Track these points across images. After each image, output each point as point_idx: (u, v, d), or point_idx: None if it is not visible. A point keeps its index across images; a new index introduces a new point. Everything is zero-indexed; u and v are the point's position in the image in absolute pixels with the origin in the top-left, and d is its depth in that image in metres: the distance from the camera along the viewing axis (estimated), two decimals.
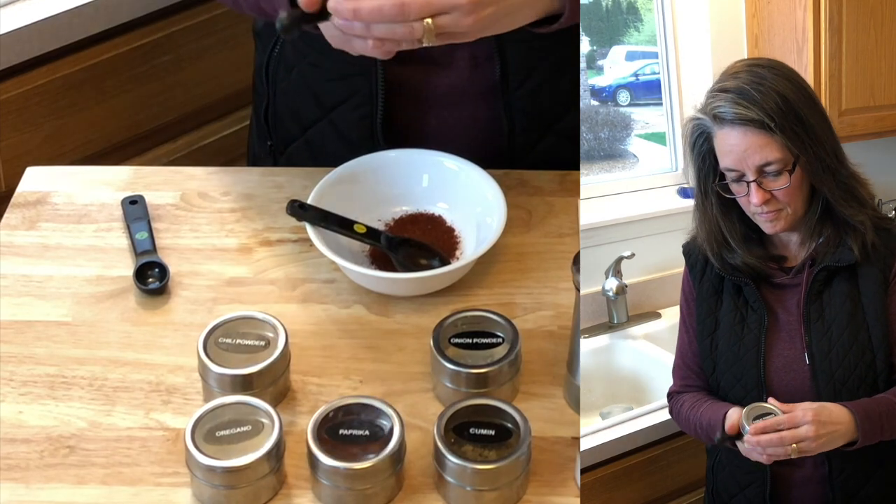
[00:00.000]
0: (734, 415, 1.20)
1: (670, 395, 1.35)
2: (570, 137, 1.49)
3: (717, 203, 1.28)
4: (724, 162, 1.24)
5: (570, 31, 1.29)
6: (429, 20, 1.15)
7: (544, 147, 1.48)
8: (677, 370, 1.35)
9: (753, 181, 1.21)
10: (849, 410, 1.17)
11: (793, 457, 1.16)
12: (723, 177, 1.26)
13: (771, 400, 1.20)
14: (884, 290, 1.22)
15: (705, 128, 1.24)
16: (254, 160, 1.65)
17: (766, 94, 1.19)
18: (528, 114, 1.46)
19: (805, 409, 1.16)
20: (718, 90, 1.23)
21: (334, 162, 1.40)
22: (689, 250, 1.34)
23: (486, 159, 1.41)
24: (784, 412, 1.17)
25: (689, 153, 1.28)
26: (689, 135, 1.27)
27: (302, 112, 1.52)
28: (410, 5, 1.14)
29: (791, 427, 1.15)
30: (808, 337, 1.24)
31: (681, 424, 1.34)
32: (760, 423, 1.16)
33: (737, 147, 1.21)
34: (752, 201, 1.22)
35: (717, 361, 1.29)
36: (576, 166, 1.49)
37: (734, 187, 1.24)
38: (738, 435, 1.20)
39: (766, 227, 1.26)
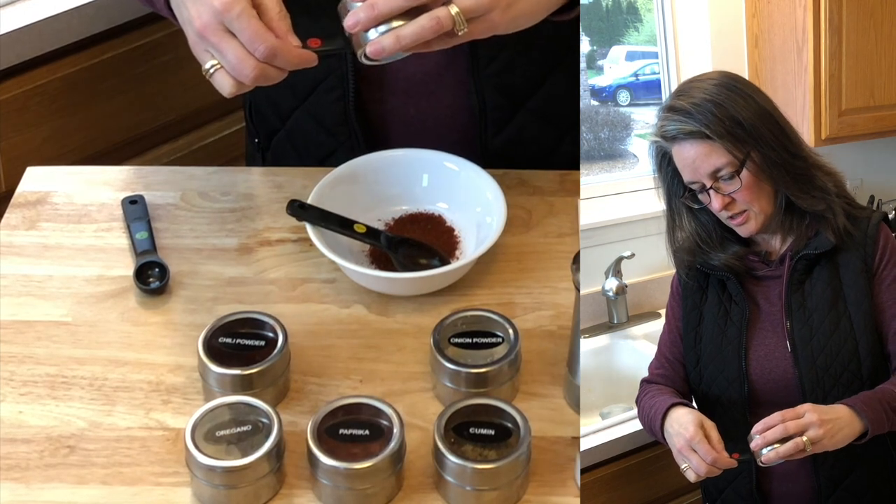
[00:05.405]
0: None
1: (641, 384, 1.37)
2: (542, 116, 1.48)
3: (689, 215, 1.33)
4: (685, 176, 1.29)
5: None
6: (453, 7, 1.14)
7: (516, 125, 1.48)
8: (654, 360, 1.38)
9: (710, 188, 1.27)
10: (844, 404, 1.18)
11: (808, 451, 1.15)
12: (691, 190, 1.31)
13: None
14: (864, 279, 1.25)
15: (665, 149, 1.30)
16: (247, 159, 1.66)
17: (701, 106, 1.25)
18: (498, 90, 1.45)
19: (802, 406, 1.17)
20: (665, 109, 1.29)
21: (315, 151, 1.39)
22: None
23: (460, 142, 1.41)
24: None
25: (658, 174, 1.34)
26: (653, 157, 1.33)
27: (280, 102, 1.52)
28: None
29: (794, 417, 1.16)
30: (790, 325, 1.26)
31: (638, 413, 1.35)
32: (765, 420, 1.16)
33: (688, 160, 1.27)
34: (713, 207, 1.28)
35: (701, 354, 1.32)
36: (548, 147, 1.50)
37: (701, 197, 1.30)
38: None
39: (741, 231, 1.30)
